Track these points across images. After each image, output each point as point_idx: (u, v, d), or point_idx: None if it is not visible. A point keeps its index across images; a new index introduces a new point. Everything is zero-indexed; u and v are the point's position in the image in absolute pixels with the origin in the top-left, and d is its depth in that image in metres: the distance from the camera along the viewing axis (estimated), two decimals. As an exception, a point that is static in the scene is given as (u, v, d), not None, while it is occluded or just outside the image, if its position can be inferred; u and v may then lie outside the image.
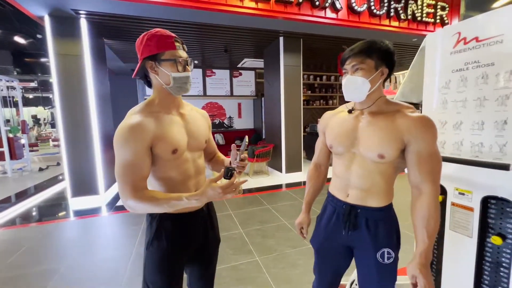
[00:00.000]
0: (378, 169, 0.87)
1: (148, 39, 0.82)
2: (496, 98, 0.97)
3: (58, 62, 3.35)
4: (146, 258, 0.92)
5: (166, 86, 0.85)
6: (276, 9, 3.63)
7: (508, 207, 0.98)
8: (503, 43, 0.94)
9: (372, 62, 0.83)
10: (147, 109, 0.85)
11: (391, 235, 0.92)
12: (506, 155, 0.94)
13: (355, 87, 0.84)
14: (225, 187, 0.79)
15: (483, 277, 1.07)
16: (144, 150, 0.79)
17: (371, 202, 0.90)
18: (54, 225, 3.03)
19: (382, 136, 0.84)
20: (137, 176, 0.78)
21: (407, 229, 2.59)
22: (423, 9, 4.42)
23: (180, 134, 0.88)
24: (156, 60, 0.83)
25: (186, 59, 0.86)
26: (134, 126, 0.78)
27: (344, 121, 0.95)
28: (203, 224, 0.99)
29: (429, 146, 0.79)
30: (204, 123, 1.03)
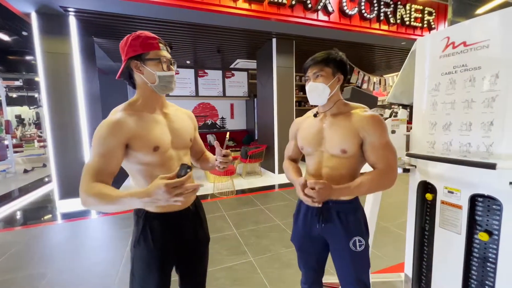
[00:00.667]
0: (344, 164, 0.99)
1: (133, 39, 0.85)
2: (482, 100, 1.01)
3: (46, 61, 3.26)
4: (134, 256, 0.93)
5: (151, 85, 0.88)
6: (269, 11, 3.65)
7: (494, 204, 1.03)
8: (489, 47, 0.98)
9: (329, 70, 0.97)
10: (130, 108, 0.88)
11: (360, 224, 1.03)
12: (493, 154, 0.98)
13: (318, 92, 0.98)
14: (170, 185, 0.68)
15: (471, 272, 1.12)
16: (116, 147, 0.80)
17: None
18: (41, 228, 2.94)
19: (342, 134, 0.97)
20: (100, 170, 0.78)
21: (398, 228, 2.67)
22: (411, 14, 4.55)
23: (163, 133, 0.90)
24: (141, 60, 0.86)
25: (170, 59, 0.90)
26: (113, 123, 0.81)
27: (311, 125, 1.08)
28: (191, 223, 0.99)
29: (380, 138, 0.93)
30: (189, 122, 1.05)
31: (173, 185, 0.68)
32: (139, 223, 0.92)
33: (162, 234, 0.91)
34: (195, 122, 1.11)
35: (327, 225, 1.02)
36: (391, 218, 2.90)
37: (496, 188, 0.99)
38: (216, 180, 4.15)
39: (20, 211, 3.58)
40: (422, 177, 1.28)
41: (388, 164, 0.93)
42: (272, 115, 4.92)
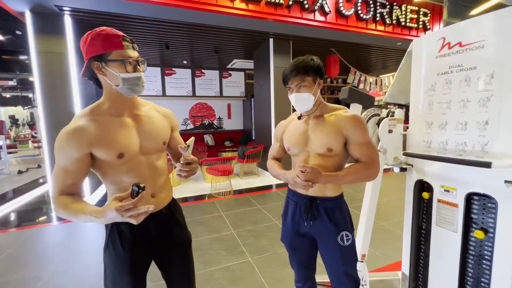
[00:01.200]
0: (329, 162, 1.04)
1: (92, 38, 0.78)
2: (478, 100, 1.02)
3: (40, 60, 3.22)
4: (104, 262, 0.92)
5: (116, 87, 0.82)
6: (266, 11, 3.66)
7: (489, 202, 1.04)
8: (484, 48, 1.00)
9: (310, 78, 1.02)
10: (94, 112, 0.83)
11: (345, 219, 1.08)
12: (488, 153, 1.00)
13: (303, 101, 1.03)
14: (122, 208, 0.67)
15: (467, 269, 1.13)
16: (78, 157, 0.78)
17: (328, 192, 1.06)
18: (35, 230, 2.90)
19: (328, 133, 1.02)
20: (66, 181, 0.78)
21: (395, 227, 2.69)
22: (407, 15, 4.60)
23: (129, 138, 0.85)
24: (102, 61, 0.79)
25: (136, 59, 0.82)
26: (71, 132, 0.78)
27: (296, 127, 1.13)
28: (164, 226, 0.95)
29: (361, 136, 1.00)
30: (164, 123, 0.98)
31: (125, 207, 0.67)
32: (107, 226, 0.90)
33: (130, 237, 0.88)
34: (173, 121, 1.04)
35: (315, 222, 1.07)
36: (388, 217, 2.93)
37: (491, 187, 1.00)
38: (213, 181, 4.14)
39: (14, 213, 3.53)
40: (418, 176, 1.29)
41: (371, 158, 1.00)
42: (269, 115, 4.92)
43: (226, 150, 6.16)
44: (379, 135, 1.37)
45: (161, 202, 0.95)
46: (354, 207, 3.18)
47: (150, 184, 0.90)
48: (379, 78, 6.33)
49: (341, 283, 1.07)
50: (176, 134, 1.07)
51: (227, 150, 6.14)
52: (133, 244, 0.89)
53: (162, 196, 0.96)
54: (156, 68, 6.31)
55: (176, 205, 1.05)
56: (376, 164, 1.01)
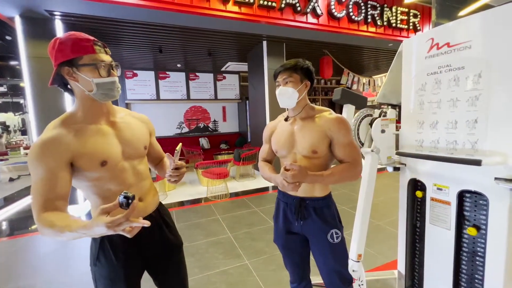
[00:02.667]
0: (315, 163, 1.06)
1: (60, 43, 0.75)
2: (467, 99, 1.04)
3: (31, 66, 3.17)
4: (94, 275, 0.87)
5: (89, 93, 0.78)
6: (259, 14, 3.68)
7: (481, 199, 1.06)
8: (472, 48, 1.02)
9: (298, 76, 1.06)
10: (68, 121, 0.79)
11: (334, 218, 1.11)
12: (478, 151, 1.02)
13: (287, 95, 1.05)
14: (112, 223, 0.59)
15: (461, 266, 1.14)
16: (59, 168, 0.72)
17: (316, 193, 1.09)
18: (27, 238, 2.84)
19: (312, 136, 1.05)
20: (48, 196, 0.70)
21: (391, 226, 2.71)
22: (397, 16, 4.68)
23: (110, 145, 0.83)
24: (73, 66, 0.75)
25: (109, 63, 0.80)
26: (46, 142, 0.72)
27: (283, 129, 1.15)
28: (155, 230, 0.94)
29: (344, 137, 1.03)
30: (142, 129, 0.97)
31: (116, 222, 0.59)
32: (96, 239, 0.86)
33: (123, 246, 0.85)
34: (150, 126, 1.04)
35: (306, 222, 1.09)
36: (383, 216, 2.95)
37: (482, 184, 1.02)
38: (209, 184, 4.12)
39: (6, 221, 3.45)
40: (412, 175, 1.31)
41: (354, 158, 1.04)
42: (264, 117, 4.93)
43: (221, 153, 6.14)
44: (372, 135, 1.39)
45: (149, 206, 0.95)
46: (350, 208, 3.21)
47: (136, 189, 0.90)
48: (372, 78, 6.41)
49: (333, 282, 1.10)
50: (153, 139, 1.07)
51: (223, 153, 6.12)
52: (126, 252, 0.87)
53: (149, 199, 0.96)
54: (150, 72, 6.29)
55: (164, 208, 1.05)
56: (359, 164, 1.04)
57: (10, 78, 10.21)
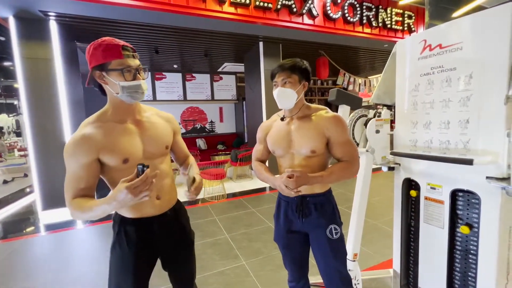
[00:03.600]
0: (313, 162, 1.06)
1: (94, 48, 0.83)
2: (459, 100, 1.06)
3: (25, 66, 3.15)
4: (110, 261, 0.95)
5: (116, 95, 0.86)
6: (255, 15, 3.69)
7: (473, 198, 1.08)
8: (463, 49, 1.04)
9: (296, 77, 1.05)
10: (99, 119, 0.88)
11: (334, 213, 1.11)
12: (470, 151, 1.04)
13: (286, 96, 1.04)
14: (132, 186, 0.72)
15: (454, 264, 1.16)
16: (87, 163, 0.82)
17: (316, 189, 1.09)
18: (23, 241, 2.80)
19: (310, 135, 1.04)
20: (78, 186, 0.83)
21: (386, 225, 2.73)
22: (392, 18, 4.72)
23: (133, 144, 0.89)
24: (103, 70, 0.83)
25: (136, 67, 0.86)
26: (78, 140, 0.82)
27: (279, 128, 1.14)
28: (167, 229, 0.99)
29: (341, 136, 1.04)
30: (167, 128, 1.03)
31: (134, 185, 0.73)
32: (115, 227, 0.95)
33: (136, 240, 0.93)
34: (175, 125, 1.09)
35: (307, 219, 1.09)
36: (379, 216, 2.97)
37: (474, 183, 1.04)
38: (206, 185, 4.11)
39: (0, 224, 3.41)
40: (406, 174, 1.32)
41: (351, 156, 1.04)
42: (261, 117, 4.94)
43: (218, 153, 6.13)
44: (367, 136, 1.40)
45: (166, 205, 0.99)
46: (347, 207, 3.22)
47: (155, 187, 0.93)
48: (368, 79, 6.46)
49: (332, 280, 1.09)
50: (178, 137, 1.12)
51: (220, 153, 6.12)
52: (138, 244, 0.93)
53: (167, 198, 1.00)
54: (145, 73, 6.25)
55: (181, 207, 1.09)
56: (357, 162, 1.06)
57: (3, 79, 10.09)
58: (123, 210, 0.93)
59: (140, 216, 0.93)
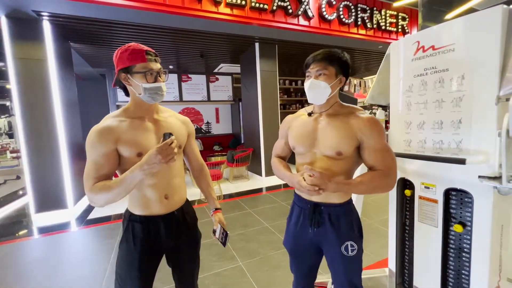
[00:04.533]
0: (337, 166, 0.96)
1: (121, 52, 0.91)
2: (451, 100, 1.08)
3: (18, 67, 3.09)
4: (118, 255, 1.00)
5: (138, 95, 0.93)
6: (251, 16, 3.69)
7: (466, 197, 1.09)
8: (455, 51, 1.06)
9: (333, 70, 0.94)
10: (122, 114, 0.96)
11: (352, 228, 1.00)
12: (462, 150, 1.05)
13: (318, 90, 0.94)
14: (160, 148, 0.83)
15: (448, 262, 1.18)
16: (107, 152, 0.88)
17: (333, 199, 0.99)
18: (15, 244, 2.75)
19: (339, 135, 0.94)
20: (98, 174, 0.87)
21: (382, 224, 2.75)
22: (387, 19, 4.78)
23: (148, 140, 0.95)
24: (128, 72, 0.91)
25: (157, 70, 0.93)
26: (100, 130, 0.89)
27: (304, 124, 1.04)
28: (175, 228, 1.02)
29: (377, 141, 0.92)
30: (182, 129, 1.08)
31: (162, 148, 0.83)
32: (124, 223, 1.00)
33: (142, 237, 0.97)
34: (190, 128, 1.15)
35: (319, 229, 1.00)
36: (375, 216, 3.00)
37: (467, 182, 1.05)
38: (202, 186, 4.09)
39: (-9, 228, 3.34)
40: (401, 174, 1.34)
41: (387, 166, 0.91)
42: (257, 118, 4.94)
43: (215, 154, 6.11)
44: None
45: (174, 204, 1.02)
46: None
47: (165, 184, 0.99)
48: (363, 80, 6.51)
49: None
50: (192, 140, 1.18)
51: (216, 154, 6.10)
52: (144, 242, 0.97)
53: (176, 198, 1.03)
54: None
55: (189, 207, 1.12)
56: (393, 173, 0.92)
57: (-5, 79, 9.91)
58: (133, 207, 0.98)
59: (148, 214, 0.97)
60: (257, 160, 5.13)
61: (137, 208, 0.97)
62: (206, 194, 1.25)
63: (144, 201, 0.96)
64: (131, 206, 0.99)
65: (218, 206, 1.22)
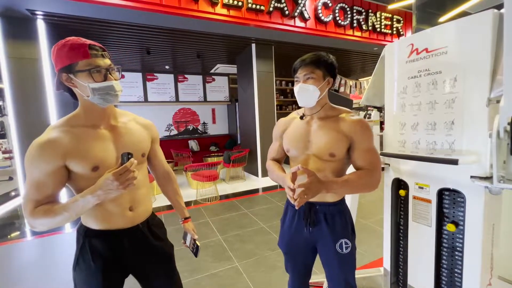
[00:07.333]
0: (330, 167, 0.98)
1: (58, 49, 0.76)
2: (444, 102, 1.10)
3: (11, 66, 3.06)
4: (74, 280, 0.87)
5: (87, 98, 0.78)
6: (247, 17, 3.71)
7: (458, 197, 1.11)
8: (448, 54, 1.08)
9: (320, 72, 0.97)
10: (69, 123, 0.80)
11: (346, 226, 1.03)
12: (455, 151, 1.07)
13: (308, 94, 0.96)
14: (117, 173, 0.71)
15: (441, 261, 1.20)
16: (53, 170, 0.75)
17: (328, 198, 1.01)
18: (8, 246, 2.71)
19: (331, 137, 0.96)
20: (40, 196, 0.75)
21: (377, 224, 2.78)
22: (382, 21, 4.84)
23: (105, 150, 0.82)
24: (70, 72, 0.76)
25: (106, 67, 0.78)
26: (43, 144, 0.74)
27: (297, 127, 1.06)
28: (139, 243, 0.91)
29: (367, 142, 0.96)
30: (144, 135, 0.95)
31: (119, 172, 0.72)
32: (79, 240, 0.87)
33: (103, 253, 0.85)
34: (153, 133, 1.02)
35: (314, 228, 1.02)
36: (370, 215, 3.02)
37: (459, 182, 1.07)
38: (199, 186, 4.08)
39: (-17, 230, 3.28)
40: (395, 174, 1.36)
41: (374, 165, 0.95)
42: (253, 119, 4.95)
43: (211, 155, 6.10)
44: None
45: (138, 217, 0.92)
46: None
47: (129, 197, 0.88)
48: (359, 81, 6.57)
49: None
50: (157, 146, 1.05)
51: (213, 155, 6.09)
52: (106, 259, 0.85)
53: (140, 210, 0.93)
54: (137, 74, 6.18)
55: (155, 219, 1.01)
56: (378, 172, 0.95)
57: (-13, 79, 9.73)
58: (89, 221, 0.86)
59: (109, 228, 0.85)
60: (254, 160, 5.14)
61: (95, 222, 0.85)
62: (174, 203, 1.14)
63: (104, 215, 0.84)
64: (87, 220, 0.86)
65: (187, 215, 1.15)
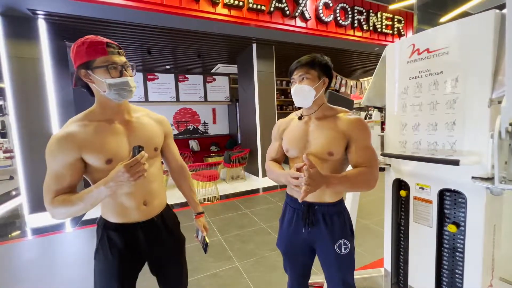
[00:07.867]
0: (329, 166, 1.00)
1: (78, 47, 0.81)
2: (445, 102, 1.09)
3: (12, 66, 3.06)
4: (94, 267, 0.93)
5: (103, 93, 0.83)
6: (248, 17, 3.71)
7: (460, 198, 1.11)
8: (449, 54, 1.07)
9: (315, 73, 0.99)
10: (86, 118, 0.86)
11: (345, 226, 1.04)
12: (456, 152, 1.07)
13: (303, 94, 0.98)
14: (128, 165, 0.75)
15: (442, 262, 1.19)
16: (70, 163, 0.80)
17: (326, 198, 1.02)
18: (8, 246, 2.71)
19: (329, 137, 0.98)
20: (59, 186, 0.80)
21: (377, 225, 2.78)
22: (383, 22, 4.83)
23: (118, 144, 0.86)
24: (88, 68, 0.81)
25: (122, 64, 0.83)
26: (61, 138, 0.80)
27: (296, 127, 1.08)
28: (154, 236, 0.96)
29: (365, 141, 0.97)
30: (156, 130, 0.99)
31: (130, 164, 0.75)
32: (98, 232, 0.93)
33: (120, 246, 0.90)
34: (167, 128, 1.06)
35: (313, 229, 1.03)
36: (371, 216, 3.02)
37: (460, 183, 1.07)
38: (199, 186, 4.08)
39: (-17, 229, 3.29)
40: (396, 175, 1.35)
41: (371, 163, 0.96)
42: (254, 119, 4.95)
43: (212, 155, 6.11)
44: (358, 137, 1.42)
45: (153, 211, 0.96)
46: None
47: (142, 191, 0.92)
48: (359, 81, 6.57)
49: None
50: (170, 141, 1.09)
51: (213, 155, 6.10)
52: (122, 251, 0.90)
53: (155, 204, 0.97)
54: (138, 73, 6.18)
55: (169, 212, 1.06)
56: (375, 170, 0.97)
57: (-12, 78, 9.75)
58: (107, 214, 0.91)
59: (125, 222, 0.90)
60: (254, 160, 5.13)
61: (113, 215, 0.90)
62: (188, 198, 1.18)
63: (121, 209, 0.89)
64: (106, 213, 0.92)
65: (200, 210, 1.19)
